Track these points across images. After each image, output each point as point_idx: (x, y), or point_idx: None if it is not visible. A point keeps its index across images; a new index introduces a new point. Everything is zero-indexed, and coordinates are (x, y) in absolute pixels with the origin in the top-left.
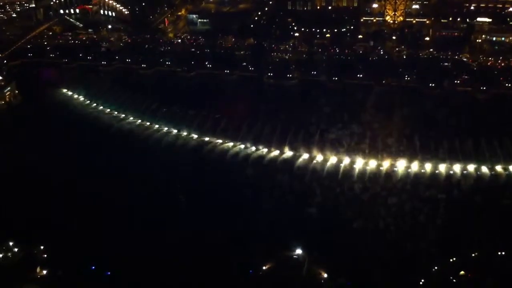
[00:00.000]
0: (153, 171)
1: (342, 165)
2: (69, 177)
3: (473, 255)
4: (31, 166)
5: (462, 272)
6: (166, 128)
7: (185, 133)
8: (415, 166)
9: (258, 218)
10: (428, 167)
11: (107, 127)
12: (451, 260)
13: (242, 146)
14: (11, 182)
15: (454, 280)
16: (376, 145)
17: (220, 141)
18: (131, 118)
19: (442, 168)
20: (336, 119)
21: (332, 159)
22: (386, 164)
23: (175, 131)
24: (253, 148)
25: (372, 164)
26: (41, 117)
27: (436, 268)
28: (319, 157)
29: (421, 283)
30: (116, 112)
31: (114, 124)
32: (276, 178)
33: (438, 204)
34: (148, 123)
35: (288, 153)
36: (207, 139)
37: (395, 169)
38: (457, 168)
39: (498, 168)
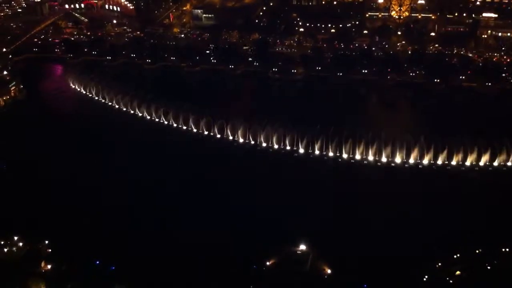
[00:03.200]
0: (157, 166)
1: (353, 161)
2: (72, 171)
3: (477, 251)
4: (36, 161)
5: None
6: (170, 124)
7: (188, 128)
8: (425, 161)
9: None
10: (438, 162)
11: (109, 121)
12: (454, 256)
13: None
14: (15, 177)
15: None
16: (382, 140)
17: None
18: (134, 112)
19: (452, 162)
20: (341, 114)
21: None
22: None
23: (180, 126)
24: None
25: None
26: (45, 111)
27: (439, 264)
28: (330, 153)
29: (424, 279)
30: (119, 106)
31: (116, 118)
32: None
33: (447, 199)
34: (151, 118)
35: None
36: (211, 134)
37: (406, 165)
38: (467, 163)
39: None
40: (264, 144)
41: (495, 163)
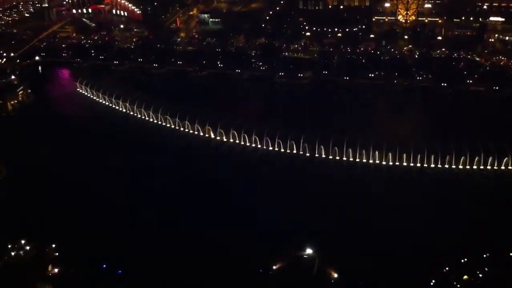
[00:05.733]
0: (164, 169)
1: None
2: (79, 175)
3: (484, 256)
4: (44, 165)
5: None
6: (178, 128)
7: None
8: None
9: None
10: (445, 165)
11: (117, 126)
12: (462, 261)
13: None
14: (23, 181)
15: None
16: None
17: (231, 140)
18: (142, 116)
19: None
20: (348, 118)
21: (349, 158)
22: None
23: (187, 130)
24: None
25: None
26: (53, 115)
27: (447, 268)
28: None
29: (431, 283)
30: (127, 110)
31: (125, 122)
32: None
33: (455, 204)
34: (158, 122)
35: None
36: (218, 138)
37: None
38: (474, 166)
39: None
40: (271, 148)
41: (503, 167)
